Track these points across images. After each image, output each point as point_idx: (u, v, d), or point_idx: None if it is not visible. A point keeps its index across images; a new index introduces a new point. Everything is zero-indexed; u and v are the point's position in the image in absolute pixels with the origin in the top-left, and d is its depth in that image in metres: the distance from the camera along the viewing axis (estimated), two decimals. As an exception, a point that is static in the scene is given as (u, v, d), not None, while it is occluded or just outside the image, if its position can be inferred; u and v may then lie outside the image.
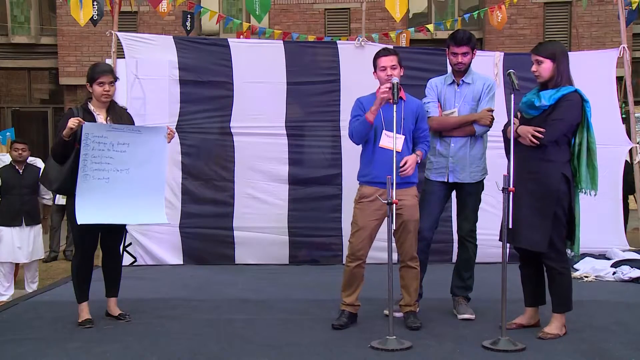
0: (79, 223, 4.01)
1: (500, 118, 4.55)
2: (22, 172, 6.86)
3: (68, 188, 4.08)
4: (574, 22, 13.71)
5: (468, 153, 4.40)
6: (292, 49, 6.70)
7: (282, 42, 6.94)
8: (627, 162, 6.75)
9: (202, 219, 6.51)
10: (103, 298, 4.45)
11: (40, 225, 7.01)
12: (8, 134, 10.42)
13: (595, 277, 5.65)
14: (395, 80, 3.94)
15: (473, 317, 4.35)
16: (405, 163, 4.02)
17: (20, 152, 6.88)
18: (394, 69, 4.11)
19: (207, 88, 6.51)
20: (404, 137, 4.10)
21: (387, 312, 4.03)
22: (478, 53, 4.67)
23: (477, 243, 4.52)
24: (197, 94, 6.50)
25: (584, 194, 4.00)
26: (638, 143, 6.57)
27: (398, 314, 4.22)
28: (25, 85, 15.98)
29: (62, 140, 4.02)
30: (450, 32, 4.65)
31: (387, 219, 3.89)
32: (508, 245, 3.82)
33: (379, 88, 4.15)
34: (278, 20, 14.36)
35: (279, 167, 6.54)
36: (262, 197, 6.54)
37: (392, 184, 3.77)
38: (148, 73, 6.40)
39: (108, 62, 5.99)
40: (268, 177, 6.55)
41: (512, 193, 3.67)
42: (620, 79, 6.93)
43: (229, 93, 6.52)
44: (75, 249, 4.40)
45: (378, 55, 4.20)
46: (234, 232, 6.50)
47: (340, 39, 7.79)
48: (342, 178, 6.53)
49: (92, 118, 4.19)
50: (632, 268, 5.65)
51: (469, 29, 5.58)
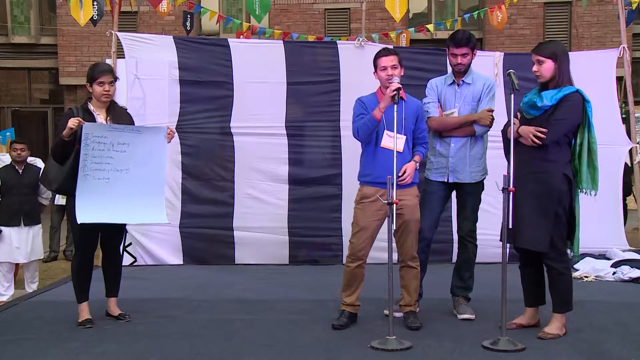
0: (79, 222, 4.00)
1: (500, 118, 4.54)
2: (21, 172, 6.86)
3: (68, 188, 4.08)
4: (574, 22, 13.72)
5: (468, 153, 4.40)
6: (292, 49, 6.69)
7: (282, 42, 6.93)
8: (625, 163, 6.74)
9: (202, 219, 6.51)
10: (103, 298, 4.45)
11: (40, 226, 7.00)
12: (8, 134, 10.39)
13: (595, 277, 5.65)
14: (397, 81, 3.96)
15: (473, 317, 4.34)
16: (405, 172, 4.03)
17: (19, 152, 6.88)
18: (395, 69, 4.11)
19: (207, 88, 6.51)
20: (405, 137, 4.10)
21: (387, 312, 4.03)
22: (478, 53, 4.66)
23: (477, 243, 4.52)
24: (197, 94, 6.49)
25: (584, 194, 4.00)
26: (638, 143, 6.57)
27: (398, 314, 4.22)
28: (25, 85, 15.97)
29: (62, 140, 4.02)
30: (450, 32, 4.65)
31: (387, 219, 3.89)
32: (508, 245, 3.83)
33: (379, 88, 4.16)
34: (278, 20, 14.36)
35: (279, 167, 6.53)
36: (262, 197, 6.53)
37: (392, 184, 3.77)
38: (148, 73, 6.40)
39: (108, 62, 5.98)
40: (268, 177, 6.54)
41: (512, 193, 3.68)
42: (620, 79, 6.93)
43: (229, 93, 6.51)
44: (75, 249, 4.40)
45: (378, 55, 4.20)
46: (234, 232, 6.49)
47: (340, 39, 7.79)
48: (342, 178, 6.52)
49: (92, 118, 4.18)
50: (632, 268, 5.65)
51: (469, 29, 5.59)
